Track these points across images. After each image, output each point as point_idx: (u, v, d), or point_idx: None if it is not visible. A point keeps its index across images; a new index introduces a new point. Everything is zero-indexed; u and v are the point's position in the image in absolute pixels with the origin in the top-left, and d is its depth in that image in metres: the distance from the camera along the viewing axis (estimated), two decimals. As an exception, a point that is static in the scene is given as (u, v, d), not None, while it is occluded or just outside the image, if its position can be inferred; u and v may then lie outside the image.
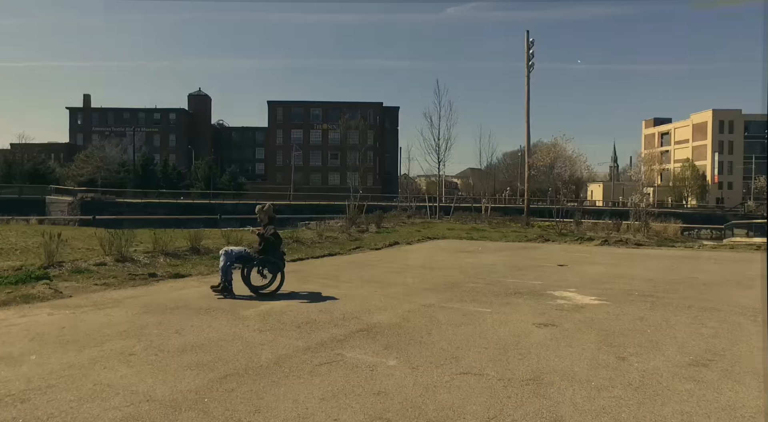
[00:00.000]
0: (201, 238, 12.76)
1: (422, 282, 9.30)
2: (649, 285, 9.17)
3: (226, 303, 7.24)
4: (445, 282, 9.35)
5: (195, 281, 9.03)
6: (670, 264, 12.59)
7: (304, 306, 7.07)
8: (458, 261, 12.74)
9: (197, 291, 8.03)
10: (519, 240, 18.65)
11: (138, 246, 12.11)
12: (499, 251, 15.33)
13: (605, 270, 11.26)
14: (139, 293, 7.86)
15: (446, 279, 9.74)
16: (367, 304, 7.26)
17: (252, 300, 7.43)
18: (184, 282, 8.96)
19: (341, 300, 7.46)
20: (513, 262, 12.59)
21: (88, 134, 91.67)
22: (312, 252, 13.57)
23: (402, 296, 7.98)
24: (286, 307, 6.96)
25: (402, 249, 15.73)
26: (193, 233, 12.62)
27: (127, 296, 7.56)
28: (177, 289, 8.26)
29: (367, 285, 8.99)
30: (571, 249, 15.97)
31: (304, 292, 8.05)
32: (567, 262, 12.50)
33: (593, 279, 9.88)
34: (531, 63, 32.89)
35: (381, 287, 8.77)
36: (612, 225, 24.01)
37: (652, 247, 16.77)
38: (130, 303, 7.10)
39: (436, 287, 8.82)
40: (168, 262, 10.68)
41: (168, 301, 7.28)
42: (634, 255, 14.36)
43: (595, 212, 35.22)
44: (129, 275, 8.98)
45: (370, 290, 8.45)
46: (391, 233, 19.71)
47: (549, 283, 9.30)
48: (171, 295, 7.73)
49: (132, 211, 46.72)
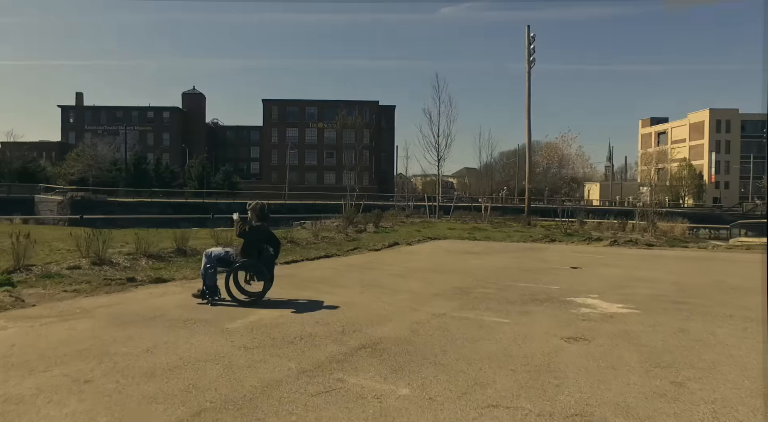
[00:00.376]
0: (188, 239, 11.91)
1: (428, 287, 8.48)
2: (676, 290, 8.39)
3: (210, 312, 6.40)
4: (453, 287, 8.54)
5: (177, 286, 8.18)
6: (689, 267, 11.82)
7: (298, 316, 6.24)
8: (464, 263, 11.93)
9: (178, 299, 7.18)
10: (524, 241, 17.85)
11: (120, 248, 11.28)
12: (505, 252, 14.54)
13: (623, 273, 10.48)
14: (112, 301, 7.00)
15: (454, 283, 8.93)
16: (369, 314, 6.44)
17: (240, 308, 6.60)
18: (165, 287, 8.10)
19: (340, 309, 6.64)
20: (522, 264, 11.79)
21: (81, 132, 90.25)
22: (307, 253, 12.72)
23: (408, 303, 7.16)
24: (278, 318, 6.12)
25: (403, 250, 14.91)
26: (179, 233, 11.75)
27: (99, 305, 6.70)
28: (156, 296, 7.41)
29: (368, 290, 8.16)
30: (580, 250, 15.19)
31: (299, 300, 7.21)
32: (580, 264, 11.70)
33: (613, 284, 9.09)
34: (532, 58, 32.15)
35: (383, 293, 7.95)
36: (618, 224, 23.29)
37: (663, 248, 16.02)
38: (100, 313, 6.24)
39: (444, 293, 8.00)
40: (150, 265, 9.81)
41: (144, 311, 6.44)
42: (648, 257, 13.59)
43: (597, 212, 34.46)
44: (105, 280, 8.11)
45: (371, 296, 7.63)
46: (390, 233, 18.88)
47: (566, 288, 8.50)
48: (148, 303, 6.88)
49: (123, 210, 45.69)
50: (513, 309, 6.83)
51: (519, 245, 16.83)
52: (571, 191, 70.51)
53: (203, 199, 51.93)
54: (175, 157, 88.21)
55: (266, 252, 7.11)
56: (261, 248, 7.06)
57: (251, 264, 6.94)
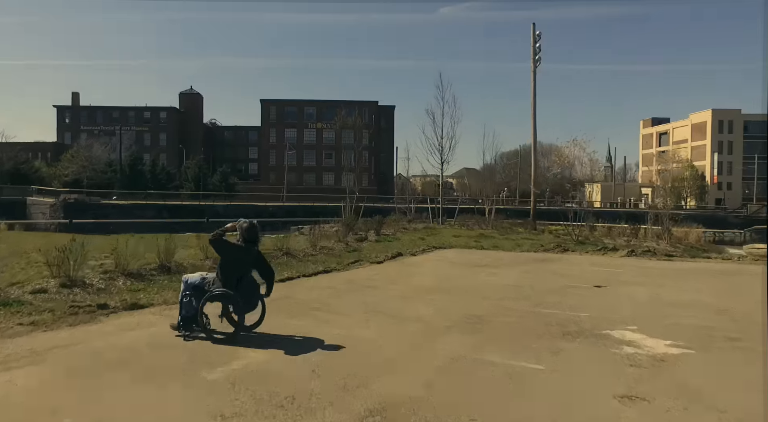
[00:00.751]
0: (173, 252, 10.87)
1: (440, 315, 7.47)
2: (725, 320, 7.38)
3: (185, 353, 5.39)
4: (467, 314, 7.52)
5: (155, 315, 7.15)
6: (722, 285, 10.82)
7: (291, 361, 5.22)
8: (475, 280, 10.92)
9: (152, 333, 6.16)
10: (535, 250, 16.83)
11: (99, 262, 10.25)
12: (517, 264, 13.52)
13: (653, 294, 9.46)
14: (75, 337, 5.96)
15: (468, 308, 7.92)
16: (376, 356, 5.43)
17: (222, 347, 5.59)
18: (140, 316, 7.08)
19: (342, 350, 5.62)
20: (539, 281, 10.77)
21: (77, 133, 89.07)
22: (304, 268, 11.70)
23: (420, 339, 6.16)
24: (267, 364, 5.11)
25: (407, 262, 13.88)
26: (164, 246, 10.66)
27: (56, 344, 5.67)
28: (127, 329, 6.39)
29: (372, 319, 7.14)
30: (597, 262, 14.15)
31: (294, 336, 6.18)
32: (601, 281, 10.69)
33: (648, 310, 8.08)
34: (537, 57, 31.15)
35: (390, 322, 6.94)
36: (629, 230, 22.25)
37: (684, 259, 15.00)
38: (53, 358, 5.22)
39: (459, 323, 6.99)
40: (128, 286, 8.78)
41: (108, 351, 5.43)
42: (672, 272, 12.58)
43: (605, 215, 33.28)
44: (71, 307, 7.07)
45: (377, 328, 6.62)
46: (392, 241, 17.86)
47: (597, 316, 7.49)
48: (115, 341, 5.85)
49: (117, 212, 44.64)
50: (543, 348, 5.82)
51: (530, 255, 15.81)
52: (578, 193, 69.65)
53: (200, 202, 50.91)
54: (173, 158, 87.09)
55: (248, 279, 6.05)
56: (244, 274, 6.00)
57: (225, 295, 5.86)
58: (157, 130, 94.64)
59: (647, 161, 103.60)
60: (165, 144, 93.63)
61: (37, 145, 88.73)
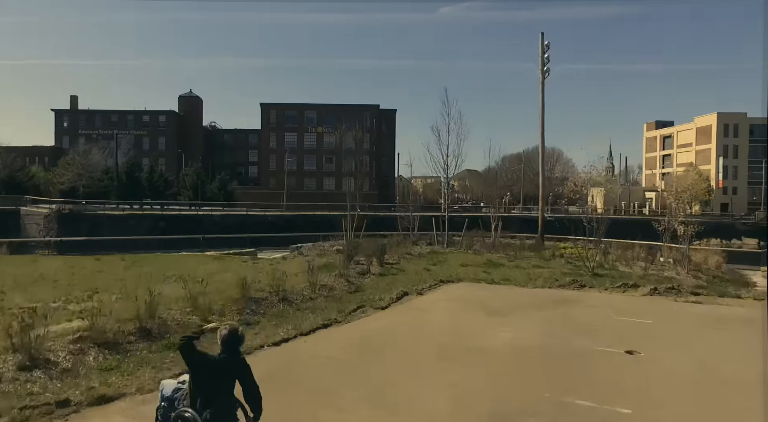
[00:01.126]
0: (156, 306, 9.75)
1: (461, 411, 6.37)
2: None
3: None
4: (493, 410, 6.42)
5: (123, 413, 6.05)
6: None
7: None
8: (492, 338, 9.78)
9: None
10: (549, 286, 15.69)
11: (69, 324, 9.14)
12: (533, 308, 12.41)
13: (700, 362, 8.34)
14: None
15: (492, 394, 6.83)
16: None
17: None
18: (104, 416, 5.98)
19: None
20: (561, 341, 9.66)
21: (75, 137, 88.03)
22: (301, 320, 10.61)
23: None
24: None
25: (414, 305, 12.78)
26: (146, 302, 9.52)
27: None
28: (86, 447, 5.30)
29: (379, 419, 6.05)
30: (620, 307, 12.91)
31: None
32: (632, 341, 9.56)
33: (711, 404, 6.96)
34: (546, 68, 30.09)
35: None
36: (645, 255, 21.18)
37: (713, 299, 13.81)
38: None
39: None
40: (99, 363, 7.68)
41: None
42: (707, 321, 11.42)
43: (616, 225, 30.35)
44: (22, 408, 5.98)
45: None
46: (396, 274, 16.73)
47: (645, 416, 6.39)
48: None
49: (112, 223, 43.53)
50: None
51: (545, 293, 14.69)
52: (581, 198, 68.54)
53: (197, 211, 49.85)
54: (172, 162, 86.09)
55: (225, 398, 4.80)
56: (218, 393, 4.75)
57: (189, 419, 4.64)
58: (156, 134, 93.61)
59: (650, 164, 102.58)
60: (164, 148, 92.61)
61: (35, 149, 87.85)
